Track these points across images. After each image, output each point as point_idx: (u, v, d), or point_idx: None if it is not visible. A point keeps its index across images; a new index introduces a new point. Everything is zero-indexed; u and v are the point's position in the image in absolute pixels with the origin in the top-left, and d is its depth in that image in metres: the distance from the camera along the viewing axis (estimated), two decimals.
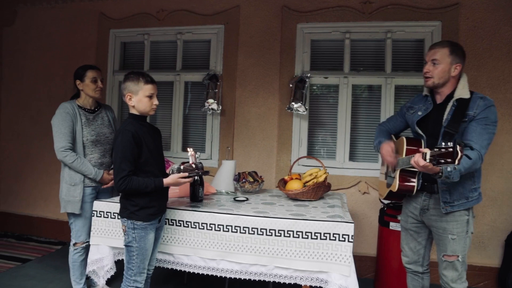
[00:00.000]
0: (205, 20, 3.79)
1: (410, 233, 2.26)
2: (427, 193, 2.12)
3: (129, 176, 1.94)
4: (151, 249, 2.09)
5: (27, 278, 3.15)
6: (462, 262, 2.05)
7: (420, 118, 2.16)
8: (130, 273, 2.04)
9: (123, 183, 1.93)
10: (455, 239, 2.03)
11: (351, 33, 3.50)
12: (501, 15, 3.19)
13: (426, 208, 2.13)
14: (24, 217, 4.32)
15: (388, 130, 2.41)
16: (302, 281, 2.07)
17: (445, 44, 2.08)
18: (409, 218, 2.24)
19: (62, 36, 4.17)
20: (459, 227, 2.03)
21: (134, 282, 2.04)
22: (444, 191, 2.03)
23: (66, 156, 2.53)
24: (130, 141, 1.95)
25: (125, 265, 2.07)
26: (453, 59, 2.03)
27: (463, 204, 2.02)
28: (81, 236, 2.66)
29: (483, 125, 1.95)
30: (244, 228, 2.12)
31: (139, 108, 2.05)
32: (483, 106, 1.98)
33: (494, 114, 1.98)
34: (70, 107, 2.61)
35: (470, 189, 2.03)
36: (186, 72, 3.91)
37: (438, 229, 2.09)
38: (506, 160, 3.19)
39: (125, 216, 2.03)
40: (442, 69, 2.03)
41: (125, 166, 1.93)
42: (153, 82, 2.07)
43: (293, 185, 2.65)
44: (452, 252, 2.05)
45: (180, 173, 2.04)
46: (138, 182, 1.96)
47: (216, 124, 3.79)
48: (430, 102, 2.16)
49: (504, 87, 3.18)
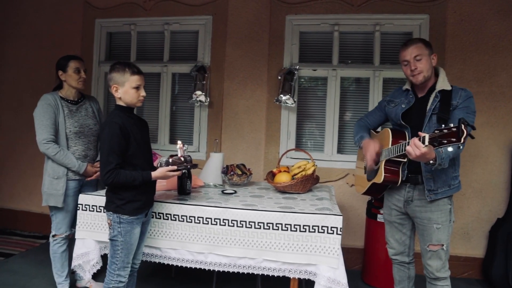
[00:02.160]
0: (192, 11, 3.73)
1: (395, 225, 2.29)
2: (411, 185, 2.15)
3: (116, 169, 1.89)
4: (136, 244, 2.05)
5: (10, 274, 3.09)
6: (446, 251, 2.11)
7: (404, 110, 2.20)
8: (113, 268, 1.99)
9: (110, 176, 1.88)
10: (440, 228, 2.08)
11: (339, 25, 3.49)
12: (487, 9, 3.22)
13: (410, 199, 2.16)
14: (7, 211, 4.23)
15: (367, 125, 2.45)
16: (290, 274, 2.07)
17: (417, 40, 2.16)
18: (393, 210, 2.27)
19: (45, 25, 4.06)
20: (443, 216, 2.09)
21: (117, 276, 2.00)
22: (428, 179, 2.08)
23: (49, 149, 2.48)
24: (117, 134, 1.90)
25: (108, 259, 2.03)
26: (429, 51, 2.12)
27: (446, 191, 2.08)
28: (61, 228, 2.63)
29: (465, 113, 2.00)
30: (232, 221, 2.11)
31: (125, 100, 2.00)
32: (464, 96, 2.06)
33: (473, 105, 2.07)
34: (52, 98, 2.56)
35: (452, 176, 2.09)
36: (173, 64, 3.85)
37: (423, 220, 2.13)
38: (491, 153, 3.24)
39: (111, 209, 1.98)
40: (427, 61, 2.09)
41: (112, 159, 1.89)
42: (140, 73, 2.01)
43: (281, 178, 2.64)
44: (438, 241, 2.09)
45: (169, 166, 2.01)
46: (126, 176, 1.91)
47: (204, 116, 3.75)
48: (412, 96, 2.21)
49: (489, 81, 3.22)
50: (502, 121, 3.22)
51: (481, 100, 3.18)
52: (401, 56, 2.13)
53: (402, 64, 2.14)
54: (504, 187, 3.23)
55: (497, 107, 3.22)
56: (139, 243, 2.12)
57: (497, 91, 3.22)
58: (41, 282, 2.96)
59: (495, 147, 3.23)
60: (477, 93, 3.07)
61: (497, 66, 3.21)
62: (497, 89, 3.22)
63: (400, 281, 2.37)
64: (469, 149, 3.19)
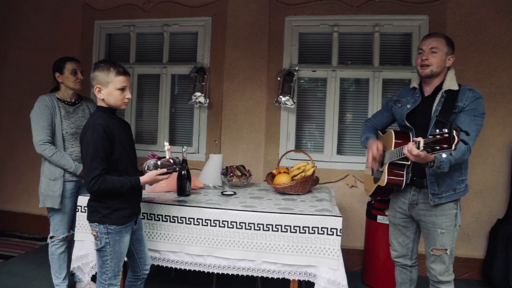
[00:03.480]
0: (192, 12, 3.73)
1: (399, 228, 2.27)
2: (416, 188, 2.12)
3: (102, 175, 1.74)
4: (126, 251, 1.94)
5: (10, 276, 3.09)
6: (450, 255, 2.08)
7: (409, 111, 2.15)
8: (104, 278, 1.88)
9: (95, 183, 1.73)
10: (444, 233, 2.05)
11: (339, 26, 3.49)
12: (487, 9, 3.22)
13: (415, 202, 2.13)
14: (7, 213, 4.22)
15: (374, 126, 2.41)
16: (290, 276, 2.07)
17: (441, 35, 2.12)
18: (397, 213, 2.25)
19: (45, 27, 4.06)
20: (448, 221, 2.05)
21: (109, 286, 1.88)
22: (433, 183, 2.04)
23: (45, 150, 2.48)
24: (101, 136, 1.75)
25: (97, 269, 1.90)
26: (449, 49, 2.07)
27: (451, 195, 2.03)
28: (58, 230, 2.62)
29: (472, 116, 1.96)
30: (231, 222, 2.10)
31: (109, 102, 1.85)
32: (472, 97, 1.99)
33: (482, 106, 1.99)
34: (48, 99, 2.56)
35: (457, 180, 2.04)
36: (172, 65, 3.85)
37: (427, 224, 2.10)
38: (491, 154, 3.23)
39: (96, 220, 1.84)
40: (440, 58, 2.05)
41: (97, 165, 1.74)
42: (126, 73, 1.86)
43: (281, 179, 2.63)
44: (441, 246, 2.06)
45: (159, 170, 1.90)
46: (113, 182, 1.77)
47: (203, 118, 3.75)
48: (418, 95, 2.16)
49: (489, 81, 3.22)
50: (502, 122, 3.21)
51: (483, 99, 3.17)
52: (420, 45, 2.12)
53: (418, 52, 2.12)
54: (504, 188, 3.22)
55: (496, 108, 3.21)
56: (142, 250, 2.07)
57: (496, 91, 3.21)
58: (41, 284, 2.95)
59: (495, 148, 3.23)
60: None
61: (496, 67, 3.21)
62: (496, 90, 3.21)
63: (401, 283, 2.36)
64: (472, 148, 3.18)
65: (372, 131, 2.36)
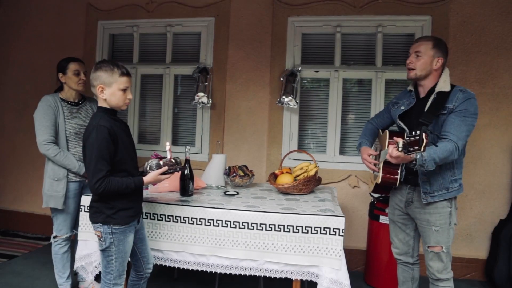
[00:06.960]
0: (195, 12, 3.74)
1: (398, 225, 2.31)
2: (411, 186, 2.17)
3: (107, 177, 1.76)
4: (130, 251, 1.96)
5: (13, 275, 3.10)
6: (447, 253, 2.10)
7: (402, 112, 2.22)
8: (109, 278, 1.89)
9: (101, 185, 1.74)
10: (438, 230, 2.09)
11: (342, 26, 3.49)
12: (489, 10, 3.21)
13: (410, 200, 2.19)
14: (10, 212, 4.24)
15: (374, 127, 2.47)
16: (293, 275, 2.07)
17: (429, 38, 2.16)
18: (396, 210, 2.30)
19: (49, 27, 4.08)
20: (441, 219, 2.08)
21: (114, 285, 1.90)
22: (425, 181, 2.08)
23: (49, 150, 2.49)
24: (106, 138, 1.77)
25: (102, 269, 1.91)
26: (436, 52, 2.09)
27: (443, 194, 2.07)
28: (62, 230, 2.63)
29: (462, 117, 1.98)
30: (234, 222, 2.11)
31: (111, 102, 1.87)
32: (462, 98, 2.01)
33: (473, 106, 2.00)
34: (52, 100, 2.57)
35: (450, 180, 2.07)
36: (175, 65, 3.86)
37: (422, 221, 2.14)
38: (493, 154, 3.23)
39: (100, 221, 1.85)
40: (424, 61, 2.09)
41: (102, 166, 1.75)
42: (129, 74, 1.89)
43: (283, 179, 2.64)
44: (436, 243, 2.10)
45: (161, 169, 1.93)
46: (118, 183, 1.79)
47: (206, 118, 3.76)
48: (413, 97, 2.22)
49: (492, 82, 3.22)
50: (505, 122, 3.21)
51: (484, 102, 3.18)
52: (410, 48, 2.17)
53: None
54: (506, 188, 3.22)
55: (499, 109, 3.21)
56: (145, 249, 2.08)
57: (499, 92, 3.21)
58: (44, 284, 2.96)
59: (498, 148, 3.22)
60: (479, 95, 3.08)
61: (499, 68, 3.20)
62: (499, 91, 3.21)
63: (404, 282, 2.37)
64: (471, 150, 3.19)
65: (368, 135, 2.45)
